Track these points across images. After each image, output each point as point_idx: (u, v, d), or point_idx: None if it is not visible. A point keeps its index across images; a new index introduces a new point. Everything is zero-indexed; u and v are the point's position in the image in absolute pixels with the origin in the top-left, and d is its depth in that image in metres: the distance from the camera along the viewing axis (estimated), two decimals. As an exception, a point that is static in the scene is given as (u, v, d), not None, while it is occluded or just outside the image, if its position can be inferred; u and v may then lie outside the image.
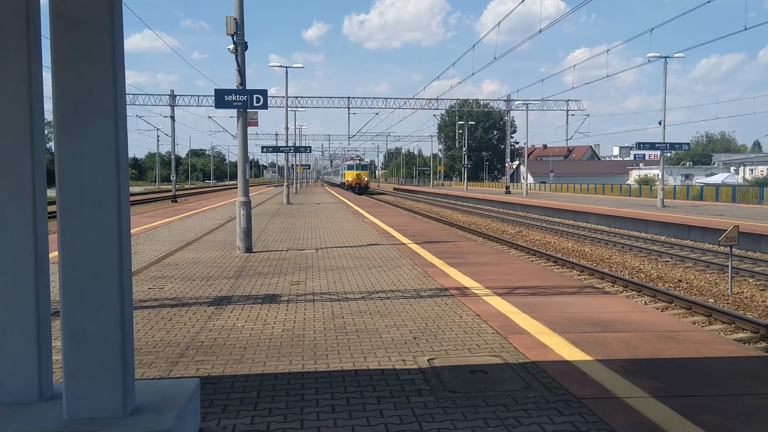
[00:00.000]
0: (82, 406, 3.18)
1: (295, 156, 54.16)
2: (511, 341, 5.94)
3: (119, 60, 3.22)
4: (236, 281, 9.40)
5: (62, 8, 3.14)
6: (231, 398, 4.53)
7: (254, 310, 7.40)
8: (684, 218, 24.30)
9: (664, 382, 4.78)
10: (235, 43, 12.89)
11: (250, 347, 5.83)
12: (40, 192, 3.41)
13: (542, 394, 4.56)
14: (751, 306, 11.96)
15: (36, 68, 3.37)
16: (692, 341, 5.96)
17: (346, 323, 6.71)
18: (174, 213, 26.68)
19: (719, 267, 15.83)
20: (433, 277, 9.64)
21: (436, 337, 6.13)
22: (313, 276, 9.86)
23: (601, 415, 4.16)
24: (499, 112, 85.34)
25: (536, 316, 6.89)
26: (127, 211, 3.31)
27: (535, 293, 8.30)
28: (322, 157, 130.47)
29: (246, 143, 13.51)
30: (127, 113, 3.40)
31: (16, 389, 3.35)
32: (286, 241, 15.03)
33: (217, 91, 13.09)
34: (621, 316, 6.98)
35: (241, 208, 13.07)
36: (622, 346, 5.78)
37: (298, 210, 28.35)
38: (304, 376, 5.01)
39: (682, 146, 37.42)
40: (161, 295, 8.29)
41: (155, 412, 3.26)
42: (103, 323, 3.19)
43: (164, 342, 6.02)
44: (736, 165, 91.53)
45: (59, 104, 3.16)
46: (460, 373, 5.03)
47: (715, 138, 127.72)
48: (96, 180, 3.17)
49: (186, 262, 11.36)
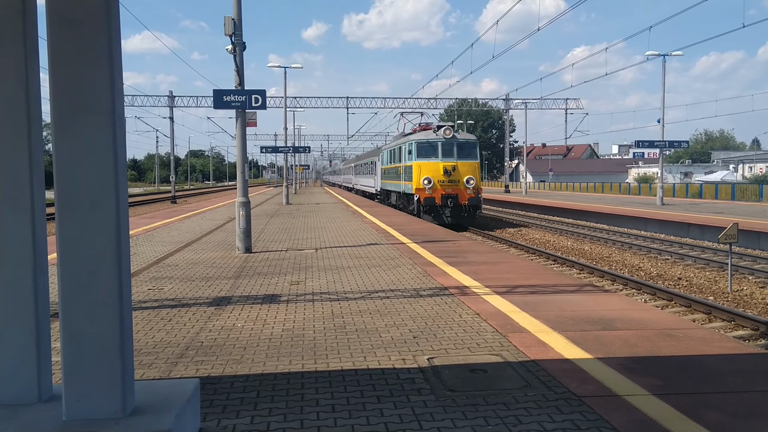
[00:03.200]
0: (81, 407, 3.17)
1: (294, 156, 54.19)
2: (510, 340, 5.93)
3: (117, 60, 3.21)
4: (236, 281, 9.39)
5: (59, 8, 3.13)
6: (231, 398, 4.52)
7: (254, 310, 7.39)
8: (683, 216, 24.29)
9: (664, 380, 4.78)
10: (233, 43, 12.88)
11: (250, 347, 5.82)
12: (39, 193, 3.40)
13: (542, 393, 4.56)
14: (750, 303, 11.97)
15: (33, 69, 3.36)
16: (692, 339, 5.95)
17: (345, 323, 6.70)
18: (173, 214, 26.66)
19: (719, 264, 15.83)
20: (432, 276, 9.64)
21: (436, 336, 6.13)
22: (313, 276, 9.85)
23: (602, 413, 4.16)
24: (498, 111, 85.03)
25: (536, 315, 6.89)
26: (126, 212, 3.30)
27: (535, 292, 8.29)
28: (321, 157, 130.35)
29: (245, 144, 13.50)
30: (125, 113, 3.39)
31: (16, 390, 3.35)
32: (286, 241, 15.02)
33: (215, 91, 13.08)
34: (621, 314, 6.97)
35: (241, 208, 13.07)
36: (622, 344, 5.77)
37: (297, 210, 28.34)
38: (303, 375, 5.00)
39: (681, 144, 37.47)
40: (161, 296, 8.28)
41: (155, 412, 3.26)
42: (102, 324, 3.19)
43: (164, 342, 6.01)
44: (735, 163, 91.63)
45: (57, 105, 3.16)
46: (460, 371, 5.03)
47: (714, 136, 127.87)
48: (94, 180, 3.17)
49: (185, 263, 11.35)
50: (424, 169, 26.22)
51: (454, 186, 26.04)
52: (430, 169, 26.17)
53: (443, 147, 26.63)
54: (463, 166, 26.24)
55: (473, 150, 27.22)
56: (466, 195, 25.92)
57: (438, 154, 26.53)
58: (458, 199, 25.87)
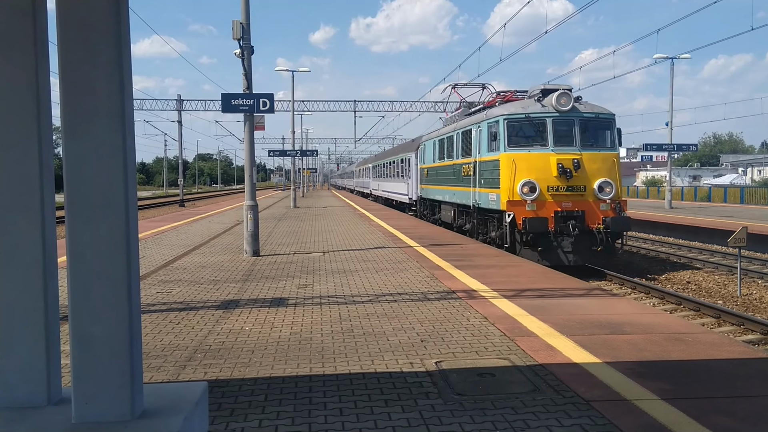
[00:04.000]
0: (90, 410, 3.18)
1: (301, 159, 54.29)
2: (518, 344, 5.92)
3: (126, 63, 3.23)
4: (244, 285, 9.41)
5: (69, 11, 3.15)
6: (239, 401, 4.53)
7: (262, 313, 7.40)
8: (692, 219, 24.18)
9: (673, 384, 4.75)
10: (241, 47, 12.93)
11: (258, 350, 5.83)
12: (48, 196, 3.41)
13: (551, 397, 4.54)
14: (760, 307, 11.90)
15: (43, 72, 3.38)
16: (701, 343, 5.92)
17: (353, 326, 6.70)
18: (181, 217, 26.74)
19: (728, 268, 15.75)
20: (440, 279, 9.62)
21: (444, 339, 6.12)
22: (321, 279, 9.86)
23: (610, 418, 4.14)
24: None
25: (544, 319, 6.87)
26: (135, 215, 3.31)
27: (543, 295, 8.27)
28: (328, 160, 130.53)
29: (253, 147, 13.54)
30: (134, 116, 3.41)
31: (25, 393, 3.36)
32: (294, 245, 15.04)
33: (223, 95, 13.13)
34: (629, 318, 6.94)
35: (249, 211, 13.09)
36: (631, 348, 5.75)
37: (305, 213, 28.37)
38: (311, 379, 5.00)
39: (689, 147, 37.29)
40: (169, 299, 8.30)
41: (163, 415, 3.26)
42: (111, 327, 3.20)
43: (172, 346, 6.03)
44: (744, 166, 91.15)
45: (66, 108, 3.17)
46: (467, 375, 5.02)
47: (722, 139, 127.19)
48: (103, 184, 3.18)
49: (193, 266, 11.38)
50: (523, 167, 14.92)
51: (578, 197, 14.90)
52: (533, 165, 14.93)
53: (556, 127, 15.13)
54: (592, 160, 15.05)
55: (608, 131, 15.72)
56: (599, 213, 14.87)
57: (547, 139, 15.11)
58: (586, 220, 14.82)
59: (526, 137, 15.42)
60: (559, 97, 15.19)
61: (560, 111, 15.15)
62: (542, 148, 15.07)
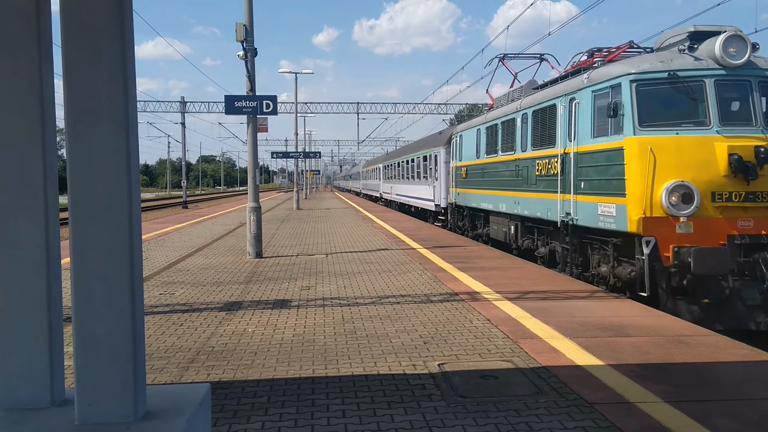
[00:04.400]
0: (93, 411, 3.19)
1: (304, 161, 54.32)
2: (521, 346, 5.91)
3: (130, 65, 3.23)
4: (247, 286, 9.41)
5: (73, 13, 3.16)
6: (242, 403, 4.53)
7: (265, 315, 7.40)
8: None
9: (676, 387, 4.74)
10: (244, 49, 12.95)
11: (261, 352, 5.83)
12: (52, 198, 3.42)
13: (554, 399, 4.53)
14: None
15: (47, 73, 3.39)
16: (705, 345, 5.91)
17: (356, 328, 6.70)
18: (185, 219, 26.77)
19: (732, 271, 15.67)
20: (443, 281, 9.62)
21: (447, 341, 6.11)
22: (323, 281, 9.86)
23: (614, 420, 4.13)
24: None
25: (547, 321, 6.86)
26: (138, 216, 3.32)
27: (546, 298, 8.25)
28: (331, 162, 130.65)
29: (256, 149, 13.56)
30: (137, 118, 3.41)
31: (29, 394, 3.36)
32: (296, 246, 15.04)
33: (227, 97, 13.15)
34: (632, 320, 6.93)
35: (252, 213, 13.10)
36: (634, 350, 5.73)
37: (308, 215, 28.39)
38: (314, 381, 5.00)
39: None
40: (172, 301, 8.31)
41: (166, 417, 3.27)
42: (114, 328, 3.20)
43: (175, 347, 6.03)
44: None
45: (70, 110, 3.18)
46: (470, 377, 5.01)
47: None
48: (107, 185, 3.19)
49: (196, 268, 11.39)
50: (668, 160, 8.82)
51: (766, 211, 8.71)
52: (686, 158, 8.78)
53: (723, 92, 9.10)
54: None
55: None
56: None
57: (708, 113, 8.95)
58: None
59: (672, 111, 9.26)
60: (727, 42, 8.97)
61: (728, 66, 9.01)
62: (700, 129, 8.91)
